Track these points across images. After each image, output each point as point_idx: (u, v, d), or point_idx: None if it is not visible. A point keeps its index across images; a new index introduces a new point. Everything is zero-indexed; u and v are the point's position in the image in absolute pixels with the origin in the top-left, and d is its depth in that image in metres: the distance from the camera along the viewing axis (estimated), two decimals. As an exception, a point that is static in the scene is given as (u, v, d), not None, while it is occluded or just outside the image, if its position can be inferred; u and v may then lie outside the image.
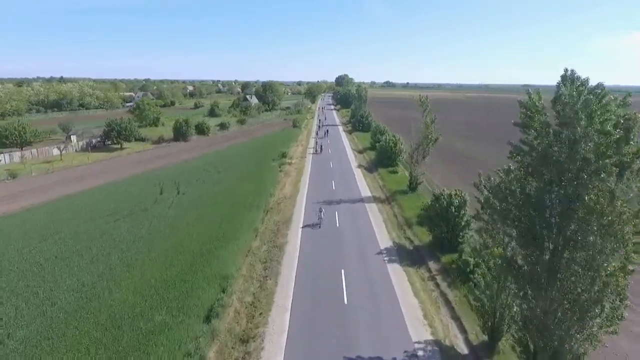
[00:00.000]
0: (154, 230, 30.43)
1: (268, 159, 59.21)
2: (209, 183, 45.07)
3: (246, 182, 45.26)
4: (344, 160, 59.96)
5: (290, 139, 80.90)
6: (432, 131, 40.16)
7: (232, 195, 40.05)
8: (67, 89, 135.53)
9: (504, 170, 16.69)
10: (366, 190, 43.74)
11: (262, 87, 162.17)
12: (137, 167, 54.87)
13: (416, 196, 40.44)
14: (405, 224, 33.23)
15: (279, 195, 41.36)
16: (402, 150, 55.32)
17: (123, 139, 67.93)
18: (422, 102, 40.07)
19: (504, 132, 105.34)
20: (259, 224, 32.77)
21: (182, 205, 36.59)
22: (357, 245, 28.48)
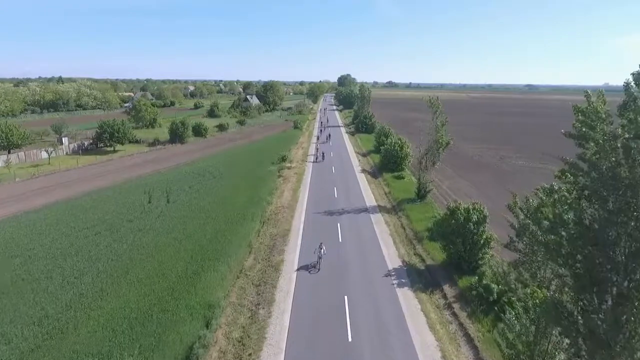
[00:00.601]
0: (136, 246, 27.42)
1: (267, 163, 56.23)
2: (203, 190, 42.08)
3: (242, 189, 42.26)
4: (347, 164, 56.88)
5: (290, 141, 77.95)
6: (443, 135, 37.03)
7: (226, 203, 37.05)
8: (64, 89, 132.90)
9: (545, 189, 13.58)
10: (371, 198, 40.65)
11: (263, 87, 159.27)
12: (128, 172, 51.96)
13: (425, 206, 37.33)
14: (414, 238, 30.11)
15: (277, 204, 38.34)
16: (408, 154, 52.20)
17: (116, 141, 65.06)
18: (432, 104, 36.96)
19: (514, 134, 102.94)
20: (253, 238, 29.80)
21: (170, 216, 33.59)
22: (362, 265, 25.38)
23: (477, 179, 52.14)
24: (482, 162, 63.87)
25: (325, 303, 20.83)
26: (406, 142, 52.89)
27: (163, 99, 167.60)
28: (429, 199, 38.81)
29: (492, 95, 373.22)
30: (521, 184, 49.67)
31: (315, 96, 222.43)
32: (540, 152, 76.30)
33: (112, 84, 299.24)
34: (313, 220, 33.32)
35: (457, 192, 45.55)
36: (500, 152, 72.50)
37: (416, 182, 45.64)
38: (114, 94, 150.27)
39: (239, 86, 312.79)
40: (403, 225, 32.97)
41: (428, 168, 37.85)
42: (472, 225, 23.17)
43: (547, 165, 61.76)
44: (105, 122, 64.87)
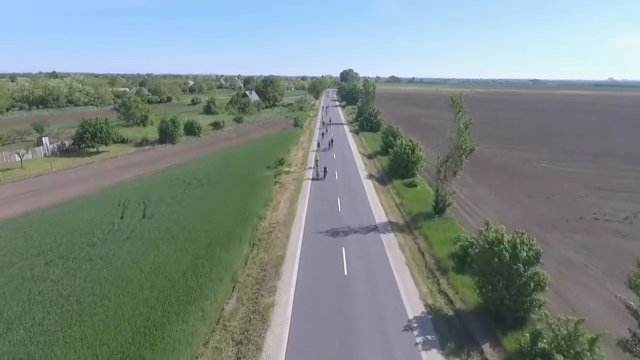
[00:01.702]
0: (91, 283, 21.94)
1: (263, 167, 50.66)
2: (187, 201, 36.56)
3: (232, 200, 36.72)
4: (352, 169, 51.21)
5: (290, 140, 72.31)
6: (467, 139, 31.30)
7: (211, 219, 31.52)
8: (55, 84, 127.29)
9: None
10: (380, 211, 35.03)
11: (263, 83, 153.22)
12: (107, 178, 46.50)
13: (445, 222, 31.71)
14: (437, 268, 24.51)
15: (271, 219, 32.81)
16: (421, 158, 46.47)
17: (99, 141, 59.50)
18: (455, 102, 31.17)
19: (529, 132, 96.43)
20: (239, 268, 24.32)
21: (142, 237, 28.06)
22: (374, 313, 19.74)
23: (498, 185, 46.47)
24: (501, 164, 58.06)
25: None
26: (418, 144, 47.12)
27: (159, 95, 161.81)
28: (448, 213, 33.18)
29: (498, 91, 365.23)
30: (552, 193, 44.03)
31: (317, 92, 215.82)
32: (562, 151, 70.54)
33: (111, 79, 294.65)
34: (312, 243, 27.75)
35: (477, 202, 39.94)
36: (519, 153, 66.61)
37: (433, 193, 40.04)
38: (107, 89, 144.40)
39: (240, 81, 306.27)
40: (421, 249, 27.34)
41: (448, 178, 32.16)
42: (522, 266, 17.51)
43: (576, 168, 56.09)
44: (86, 121, 59.31)
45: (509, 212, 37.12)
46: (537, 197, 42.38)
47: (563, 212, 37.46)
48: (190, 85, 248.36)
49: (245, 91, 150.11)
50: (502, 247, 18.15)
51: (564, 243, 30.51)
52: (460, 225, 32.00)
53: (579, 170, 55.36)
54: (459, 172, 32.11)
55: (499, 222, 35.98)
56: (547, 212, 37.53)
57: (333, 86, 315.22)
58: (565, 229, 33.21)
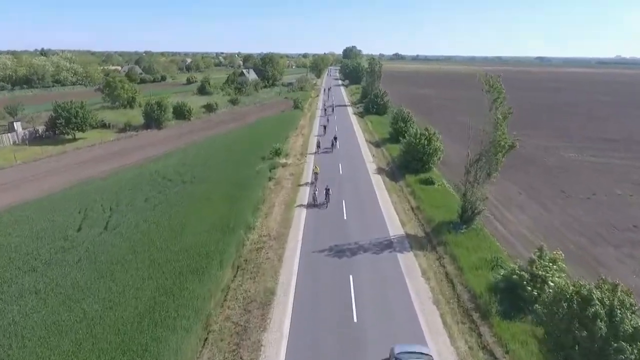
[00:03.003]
0: (8, 337, 16.24)
1: (257, 158, 44.49)
2: (162, 205, 30.62)
3: (217, 203, 30.77)
4: (358, 161, 44.94)
5: (289, 124, 65.80)
6: (505, 133, 25.01)
7: (188, 231, 25.67)
8: (40, 62, 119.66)
9: None
10: (394, 219, 29.08)
11: (262, 61, 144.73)
12: (77, 172, 40.52)
13: (475, 235, 25.78)
14: (474, 307, 18.69)
15: (262, 231, 26.96)
16: (438, 149, 40.15)
17: (74, 127, 53.17)
18: (492, 85, 24.67)
19: (545, 114, 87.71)
20: (216, 306, 18.64)
21: (96, 261, 22.26)
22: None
23: (525, 180, 40.28)
24: (524, 154, 51.45)
25: None
26: (435, 133, 40.68)
27: (153, 73, 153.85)
28: (477, 222, 27.18)
29: (505, 69, 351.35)
30: (590, 191, 37.94)
31: (319, 70, 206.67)
32: (585, 137, 63.90)
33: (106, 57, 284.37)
34: (311, 268, 21.94)
35: (506, 204, 33.92)
36: (540, 140, 59.90)
37: (455, 193, 34.00)
38: (97, 68, 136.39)
39: (239, 59, 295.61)
40: (449, 276, 21.48)
41: (480, 181, 26.01)
42: (626, 346, 11.56)
43: (608, 159, 49.75)
44: (59, 105, 52.81)
45: (547, 218, 31.15)
46: (574, 196, 36.30)
47: (609, 217, 31.49)
48: (188, 64, 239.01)
49: (243, 70, 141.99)
50: (594, 313, 12.15)
51: (622, 262, 24.63)
52: (493, 238, 26.10)
53: (612, 161, 49.00)
54: (494, 174, 25.94)
55: (536, 231, 30.25)
56: (590, 216, 31.55)
57: (335, 64, 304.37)
58: (619, 242, 27.29)
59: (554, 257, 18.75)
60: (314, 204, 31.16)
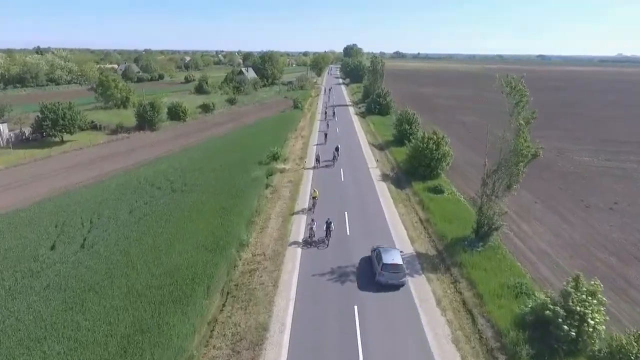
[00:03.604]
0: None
1: (253, 162, 41.84)
2: (147, 218, 27.96)
3: (208, 214, 28.15)
4: (361, 166, 42.23)
5: (288, 125, 63.08)
6: (528, 141, 22.35)
7: (174, 250, 23.06)
8: (34, 60, 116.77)
9: None
10: (402, 234, 26.42)
11: (261, 59, 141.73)
12: (59, 179, 37.88)
13: (493, 255, 23.15)
14: (499, 347, 16.08)
15: (256, 248, 24.35)
16: (447, 154, 37.48)
17: (61, 130, 50.48)
18: (514, 88, 21.97)
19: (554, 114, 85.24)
20: (199, 345, 16.04)
21: (67, 289, 19.59)
22: None
23: (540, 187, 37.59)
24: (537, 159, 48.83)
25: None
26: (444, 137, 37.97)
27: (150, 72, 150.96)
28: (494, 239, 24.51)
29: (507, 67, 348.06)
30: (612, 200, 35.27)
31: (319, 68, 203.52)
32: (596, 139, 61.18)
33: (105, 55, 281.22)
34: (311, 296, 19.30)
35: (523, 215, 31.27)
36: (550, 142, 56.84)
37: (468, 204, 31.37)
38: (92, 66, 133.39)
39: (239, 57, 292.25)
40: (468, 306, 18.83)
41: (498, 193, 23.33)
42: None
43: (623, 163, 47.12)
44: (45, 106, 50.11)
45: (568, 232, 28.48)
46: (595, 206, 33.66)
47: (636, 231, 28.88)
48: (187, 62, 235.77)
49: (242, 68, 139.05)
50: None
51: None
52: (513, 257, 23.46)
53: (629, 165, 46.36)
54: (515, 186, 23.24)
55: (559, 247, 27.45)
56: (616, 230, 28.93)
57: (336, 62, 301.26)
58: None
59: (593, 290, 16.10)
60: (311, 241, 24.72)
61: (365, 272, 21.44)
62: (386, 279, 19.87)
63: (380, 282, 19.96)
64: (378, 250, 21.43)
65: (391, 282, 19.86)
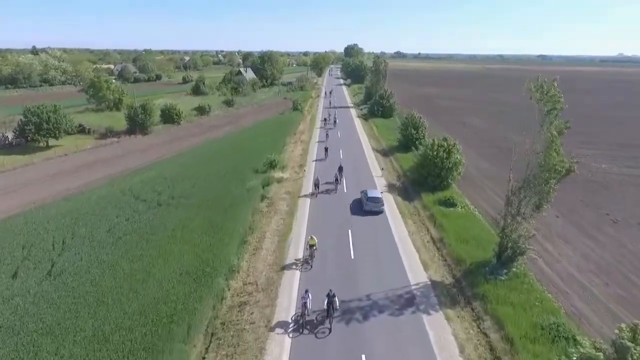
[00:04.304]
0: None
1: (249, 170, 38.97)
2: (127, 238, 24.96)
3: (195, 235, 25.15)
4: (364, 176, 39.10)
5: (287, 129, 60.12)
6: (561, 155, 19.36)
7: (154, 279, 20.11)
8: (26, 61, 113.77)
9: None
10: (413, 258, 23.36)
11: (260, 59, 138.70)
12: (38, 189, 34.95)
13: (518, 285, 20.17)
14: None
15: (247, 276, 21.36)
16: (459, 163, 34.46)
17: (45, 134, 47.53)
18: (547, 93, 18.98)
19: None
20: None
21: (20, 332, 16.61)
22: None
23: (561, 199, 33.82)
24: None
25: None
26: (455, 144, 34.94)
27: (147, 72, 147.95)
28: (519, 265, 21.49)
29: (508, 67, 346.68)
30: (634, 212, 32.26)
31: (319, 68, 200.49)
32: (612, 144, 58.23)
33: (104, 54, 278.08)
34: (309, 345, 16.28)
35: (545, 231, 28.15)
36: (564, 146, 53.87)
37: (483, 220, 28.32)
38: (88, 66, 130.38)
39: (239, 57, 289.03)
40: (497, 353, 15.83)
41: (525, 214, 20.31)
42: None
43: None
44: (29, 109, 47.15)
45: (598, 253, 25.46)
46: (624, 221, 30.62)
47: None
48: (185, 62, 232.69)
49: (240, 68, 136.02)
50: None
51: None
52: (541, 287, 20.45)
53: (655, 174, 43.29)
54: (544, 207, 20.22)
55: (590, 273, 24.24)
56: (653, 252, 25.87)
57: (336, 62, 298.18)
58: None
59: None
60: (304, 321, 17.12)
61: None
62: (370, 207, 28.91)
63: (365, 209, 28.98)
64: (365, 191, 30.93)
65: (374, 209, 28.89)
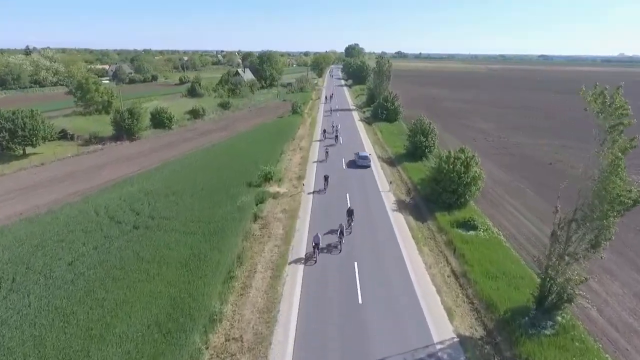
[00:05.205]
0: None
1: (241, 183, 35.01)
2: (90, 274, 20.91)
3: (171, 271, 21.12)
4: (371, 191, 34.87)
5: (286, 134, 56.12)
6: (625, 179, 15.36)
7: (110, 336, 16.10)
8: (16, 61, 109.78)
9: None
10: (434, 303, 19.25)
11: (258, 59, 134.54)
12: (1, 207, 30.89)
13: (569, 341, 16.23)
14: None
15: (230, 328, 17.33)
16: (478, 177, 30.38)
17: (20, 142, 43.51)
18: (611, 104, 14.95)
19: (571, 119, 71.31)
20: None
21: None
22: None
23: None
24: (570, 174, 41.66)
25: None
26: (474, 156, 30.86)
27: (143, 73, 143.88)
28: (567, 314, 17.46)
29: (511, 67, 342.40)
30: None
31: (320, 69, 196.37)
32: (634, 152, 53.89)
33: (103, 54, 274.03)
34: None
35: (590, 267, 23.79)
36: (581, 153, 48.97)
37: (508, 246, 24.22)
38: (81, 66, 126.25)
39: (239, 57, 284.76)
40: None
41: (578, 254, 16.27)
42: None
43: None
44: (2, 115, 43.11)
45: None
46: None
47: None
48: (184, 62, 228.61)
49: (238, 69, 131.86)
50: None
51: None
52: (595, 343, 16.39)
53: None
54: (602, 246, 16.14)
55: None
56: None
57: (337, 62, 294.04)
58: None
59: None
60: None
61: None
62: (360, 163, 40.58)
63: (355, 164, 41.04)
64: (358, 153, 42.42)
65: (362, 164, 40.59)
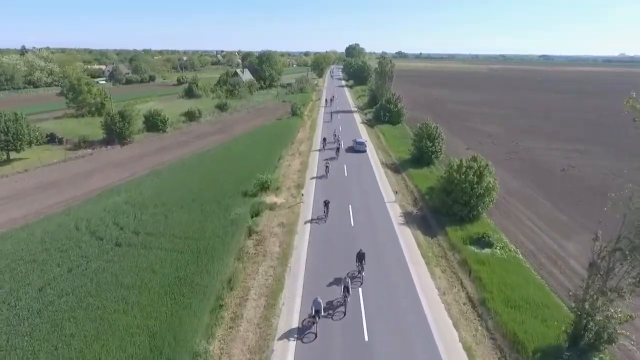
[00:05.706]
0: None
1: (236, 192, 32.72)
2: (61, 303, 18.56)
3: (152, 299, 18.76)
4: (375, 202, 32.36)
5: (284, 139, 53.72)
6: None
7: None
8: (10, 61, 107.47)
9: None
10: (452, 339, 16.88)
11: (258, 59, 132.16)
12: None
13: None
14: None
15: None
16: (492, 189, 27.99)
17: (3, 147, 41.18)
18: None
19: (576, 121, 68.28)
20: None
21: None
22: None
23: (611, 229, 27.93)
24: (583, 180, 39.30)
25: None
26: (488, 165, 28.47)
27: (140, 73, 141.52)
28: (608, 358, 15.09)
29: (511, 67, 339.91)
30: None
31: (320, 69, 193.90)
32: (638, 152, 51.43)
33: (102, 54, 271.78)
34: None
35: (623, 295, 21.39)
36: (604, 161, 46.96)
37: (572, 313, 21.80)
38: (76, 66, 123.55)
39: (238, 57, 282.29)
40: None
41: (622, 289, 13.93)
42: None
43: None
44: (-16, 118, 40.80)
45: None
46: None
47: None
48: (183, 62, 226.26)
49: (237, 69, 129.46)
50: None
51: None
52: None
53: None
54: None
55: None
56: None
57: (337, 62, 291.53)
58: None
59: None
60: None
61: None
62: (357, 148, 47.14)
63: (353, 149, 47.44)
64: (355, 139, 49.53)
65: (359, 149, 47.17)
